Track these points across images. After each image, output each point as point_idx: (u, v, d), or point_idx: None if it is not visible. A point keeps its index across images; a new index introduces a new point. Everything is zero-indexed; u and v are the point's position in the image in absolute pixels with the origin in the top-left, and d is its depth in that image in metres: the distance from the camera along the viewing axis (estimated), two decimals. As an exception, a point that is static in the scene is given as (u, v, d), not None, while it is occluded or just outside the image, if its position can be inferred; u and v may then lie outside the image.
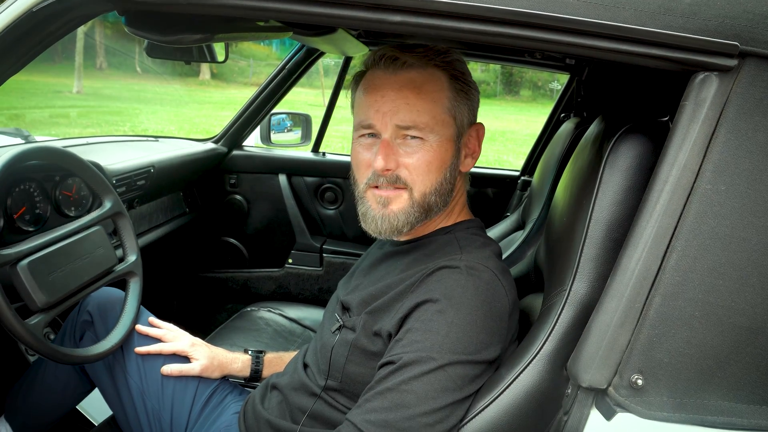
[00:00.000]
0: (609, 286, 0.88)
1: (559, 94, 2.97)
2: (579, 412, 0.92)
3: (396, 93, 1.07)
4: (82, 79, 16.81)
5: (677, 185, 0.83)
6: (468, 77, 1.14)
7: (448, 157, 1.11)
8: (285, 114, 2.88)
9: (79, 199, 1.71)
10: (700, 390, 0.88)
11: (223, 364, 1.45)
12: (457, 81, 1.11)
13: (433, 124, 1.07)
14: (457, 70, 1.11)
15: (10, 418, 1.53)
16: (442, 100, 1.09)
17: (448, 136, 1.10)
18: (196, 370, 1.40)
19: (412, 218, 1.11)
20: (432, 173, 1.09)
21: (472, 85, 1.14)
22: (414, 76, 1.08)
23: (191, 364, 1.41)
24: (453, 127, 1.11)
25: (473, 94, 1.14)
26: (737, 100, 0.82)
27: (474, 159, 1.17)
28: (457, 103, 1.10)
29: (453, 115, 1.10)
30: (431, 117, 1.07)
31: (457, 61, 1.12)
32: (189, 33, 1.02)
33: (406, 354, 0.97)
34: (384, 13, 0.83)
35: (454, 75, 1.11)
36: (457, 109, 1.11)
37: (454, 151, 1.12)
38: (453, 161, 1.12)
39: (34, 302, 1.22)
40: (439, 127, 1.08)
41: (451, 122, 1.10)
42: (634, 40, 0.81)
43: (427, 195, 1.10)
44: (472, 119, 1.16)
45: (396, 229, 1.11)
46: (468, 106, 1.13)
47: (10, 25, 0.87)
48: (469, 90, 1.13)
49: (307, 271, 2.87)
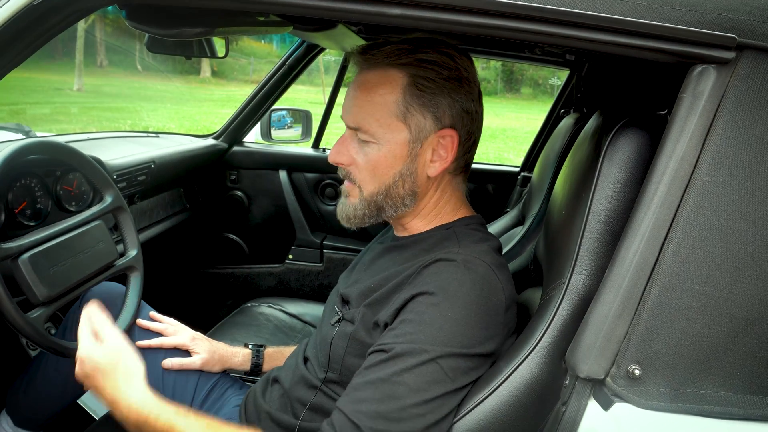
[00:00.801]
0: (607, 278, 0.89)
1: (559, 89, 2.97)
2: (577, 402, 0.92)
3: (353, 92, 1.09)
4: (83, 77, 16.80)
5: (675, 177, 0.84)
6: (434, 79, 1.05)
7: (398, 162, 1.08)
8: (285, 110, 2.88)
9: (79, 194, 1.72)
10: (697, 380, 0.89)
11: (224, 358, 1.46)
12: (416, 85, 1.04)
13: (376, 127, 1.06)
14: (422, 72, 1.05)
15: (12, 412, 1.54)
16: (389, 104, 1.05)
17: (398, 141, 1.06)
18: (197, 364, 1.41)
19: (360, 213, 1.13)
20: (378, 176, 1.09)
21: (438, 89, 1.05)
22: (370, 76, 1.07)
23: (192, 358, 1.41)
24: (404, 132, 1.06)
25: (439, 98, 1.05)
26: (735, 93, 0.82)
27: (443, 165, 1.10)
28: (410, 108, 1.05)
29: (403, 120, 1.05)
30: (375, 120, 1.06)
31: (424, 62, 1.05)
32: (189, 27, 1.03)
33: (399, 345, 0.97)
34: (383, 6, 0.84)
35: (416, 77, 1.05)
36: (409, 115, 1.05)
37: (406, 156, 1.08)
38: (407, 166, 1.08)
39: (36, 296, 1.22)
40: (384, 131, 1.06)
41: (400, 127, 1.06)
42: (632, 33, 0.82)
43: (374, 195, 1.10)
44: (441, 124, 1.07)
45: (348, 218, 1.15)
46: (430, 112, 1.06)
47: (11, 18, 0.87)
48: (434, 96, 1.05)
49: (307, 266, 2.88)
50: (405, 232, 1.19)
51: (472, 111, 1.10)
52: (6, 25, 0.87)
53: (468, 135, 1.11)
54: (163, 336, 1.43)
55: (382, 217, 1.14)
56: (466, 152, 1.13)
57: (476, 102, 1.11)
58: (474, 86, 1.10)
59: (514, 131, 14.55)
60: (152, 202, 2.33)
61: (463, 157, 1.13)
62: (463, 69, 1.08)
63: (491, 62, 21.97)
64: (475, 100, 1.10)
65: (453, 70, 1.07)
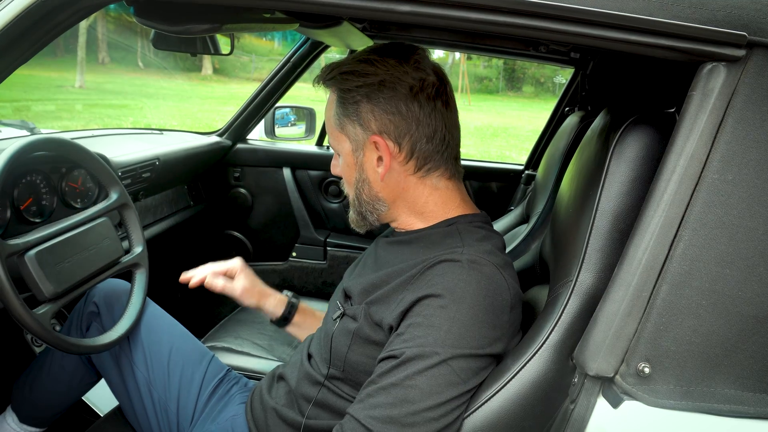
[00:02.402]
0: (616, 276, 0.88)
1: (563, 88, 2.96)
2: (586, 400, 0.92)
3: None
4: (85, 74, 16.80)
5: (684, 175, 0.84)
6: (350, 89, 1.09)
7: (352, 171, 1.16)
8: (289, 108, 2.88)
9: (84, 191, 1.72)
10: (707, 378, 0.88)
11: (262, 293, 1.47)
12: (341, 98, 1.12)
13: (333, 142, 1.18)
14: (342, 85, 1.11)
15: (17, 409, 1.54)
16: (331, 119, 1.15)
17: (346, 151, 1.15)
18: (237, 291, 1.43)
19: (354, 218, 1.24)
20: (348, 185, 1.20)
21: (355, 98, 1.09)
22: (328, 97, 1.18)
23: (233, 283, 1.43)
24: (347, 142, 1.14)
25: (360, 107, 1.08)
26: (745, 91, 0.82)
27: (385, 168, 1.11)
28: (342, 120, 1.12)
29: (343, 132, 1.13)
30: (332, 135, 1.17)
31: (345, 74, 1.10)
32: (196, 23, 1.03)
33: (409, 349, 0.97)
34: (392, 3, 0.84)
35: (340, 91, 1.11)
36: (342, 126, 1.13)
37: (355, 164, 1.15)
38: (359, 173, 1.15)
39: (42, 292, 1.22)
40: (336, 144, 1.17)
41: (344, 139, 1.14)
42: (642, 31, 0.82)
43: (353, 202, 1.21)
44: (369, 131, 1.09)
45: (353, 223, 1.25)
46: (354, 119, 1.10)
47: (20, 14, 0.87)
48: (356, 102, 1.09)
49: (310, 264, 2.88)
50: (409, 227, 1.19)
51: (402, 111, 1.07)
52: (14, 22, 0.88)
53: (401, 135, 1.09)
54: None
55: (370, 221, 1.21)
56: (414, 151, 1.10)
57: (408, 100, 1.07)
58: (399, 87, 1.07)
59: (515, 129, 14.52)
60: (156, 199, 2.33)
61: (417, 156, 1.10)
62: (384, 71, 1.07)
63: (493, 60, 21.96)
64: (403, 99, 1.07)
65: (370, 76, 1.07)
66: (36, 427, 1.56)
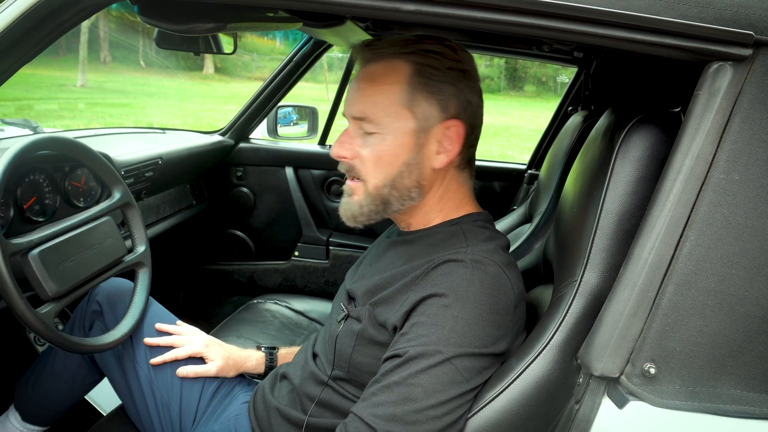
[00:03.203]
0: (621, 276, 0.88)
1: (566, 87, 2.96)
2: (591, 400, 0.92)
3: (356, 84, 1.10)
4: (87, 73, 16.81)
5: (691, 175, 0.83)
6: (439, 68, 1.06)
7: (404, 151, 1.07)
8: (291, 107, 2.88)
9: (87, 190, 1.72)
10: (713, 379, 0.88)
11: (238, 363, 1.45)
12: (421, 73, 1.06)
13: (382, 116, 1.06)
14: (426, 62, 1.06)
15: (20, 407, 1.54)
16: (394, 92, 1.06)
17: (405, 130, 1.06)
18: (212, 372, 1.40)
19: (366, 209, 1.12)
20: (383, 167, 1.08)
21: (443, 78, 1.06)
22: (375, 68, 1.08)
23: (207, 366, 1.41)
24: (411, 120, 1.06)
25: (443, 87, 1.06)
26: (751, 90, 0.82)
27: (449, 157, 1.10)
28: (416, 96, 1.05)
29: (409, 108, 1.06)
30: (381, 109, 1.06)
31: (429, 52, 1.07)
32: (201, 22, 1.02)
33: (413, 348, 0.97)
34: (397, 2, 0.83)
35: (421, 66, 1.06)
36: (415, 103, 1.06)
37: (413, 146, 1.08)
38: (413, 156, 1.08)
39: (45, 291, 1.22)
40: (390, 120, 1.06)
41: (407, 116, 1.06)
42: (648, 30, 0.81)
43: (380, 188, 1.10)
44: (446, 115, 1.08)
45: (353, 217, 1.14)
46: (436, 100, 1.06)
47: (24, 13, 0.87)
48: (440, 84, 1.06)
49: (313, 263, 2.88)
50: (410, 227, 1.19)
51: (475, 104, 1.11)
52: (18, 21, 0.87)
53: (471, 127, 1.12)
54: (175, 347, 1.42)
55: (388, 213, 1.14)
56: (470, 145, 1.14)
57: (478, 95, 1.12)
58: (476, 80, 1.11)
59: (517, 129, 14.51)
60: (159, 198, 2.33)
61: (467, 150, 1.13)
62: (465, 62, 1.10)
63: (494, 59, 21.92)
64: (476, 93, 1.11)
65: (456, 62, 1.08)
66: (39, 426, 1.56)
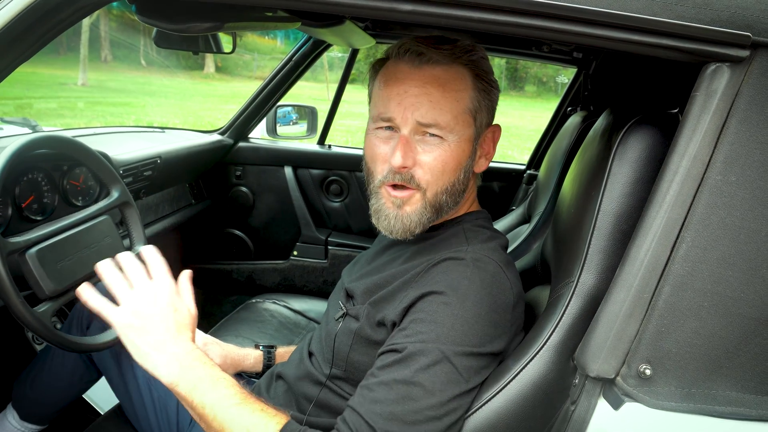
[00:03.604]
0: (618, 277, 0.88)
1: (566, 87, 2.96)
2: (587, 401, 0.92)
3: (419, 89, 1.04)
4: (87, 71, 16.81)
5: (687, 176, 0.83)
6: (491, 76, 1.11)
7: (465, 158, 1.09)
8: (291, 106, 2.88)
9: (86, 189, 1.72)
10: (708, 380, 0.88)
11: (236, 362, 1.45)
12: (480, 80, 1.08)
13: (453, 123, 1.05)
14: (482, 69, 1.09)
15: (18, 406, 1.55)
16: (465, 99, 1.06)
17: (467, 136, 1.08)
18: None
19: (424, 219, 1.09)
20: (447, 174, 1.07)
21: (494, 85, 1.11)
22: (439, 72, 1.05)
23: None
24: (472, 127, 1.08)
25: (494, 94, 1.12)
26: (749, 91, 0.82)
27: (488, 160, 1.16)
28: (479, 104, 1.08)
29: (473, 116, 1.08)
30: (452, 116, 1.05)
31: (482, 59, 1.10)
32: (199, 22, 1.02)
33: (411, 344, 0.96)
34: (394, 2, 0.83)
35: (479, 74, 1.08)
36: (478, 110, 1.08)
37: (470, 152, 1.10)
38: (468, 162, 1.10)
39: (43, 290, 1.22)
40: (459, 127, 1.06)
41: (471, 122, 1.08)
42: (645, 31, 0.81)
43: (438, 195, 1.08)
44: (490, 120, 1.14)
45: (408, 230, 1.10)
46: (488, 106, 1.11)
47: (22, 12, 0.87)
48: (491, 90, 1.11)
49: (312, 263, 2.88)
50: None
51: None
52: (16, 19, 0.87)
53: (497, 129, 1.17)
54: None
55: (439, 218, 1.12)
56: None
57: None
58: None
59: (518, 129, 14.50)
60: (158, 197, 2.33)
61: None
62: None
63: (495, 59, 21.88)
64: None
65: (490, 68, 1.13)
66: (36, 425, 1.56)
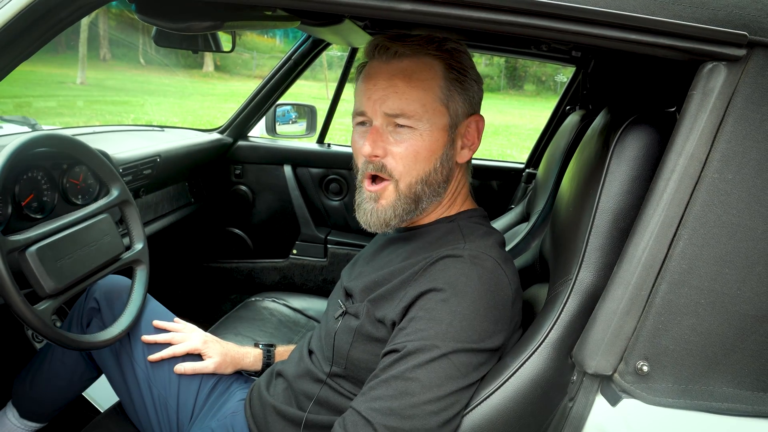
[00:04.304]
0: (615, 274, 0.89)
1: (565, 86, 2.96)
2: (584, 398, 0.92)
3: (387, 81, 1.08)
4: (86, 70, 16.79)
5: (684, 174, 0.84)
6: (465, 67, 1.12)
7: (439, 146, 1.10)
8: (290, 105, 2.88)
9: (86, 187, 1.72)
10: (705, 377, 0.89)
11: (236, 360, 1.45)
12: (452, 70, 1.09)
13: (422, 112, 1.07)
14: (454, 60, 1.10)
15: (17, 404, 1.55)
16: (434, 88, 1.08)
17: (440, 125, 1.09)
18: (210, 368, 1.41)
19: (399, 210, 1.11)
20: (419, 162, 1.09)
21: (469, 75, 1.12)
22: (406, 65, 1.08)
23: (205, 362, 1.41)
24: (446, 116, 1.10)
25: (470, 84, 1.12)
26: (745, 90, 0.82)
27: (472, 151, 1.16)
28: (450, 93, 1.09)
29: (445, 105, 1.09)
30: (420, 105, 1.07)
31: (454, 50, 1.11)
32: (198, 21, 1.03)
33: (411, 342, 0.97)
34: (394, 2, 0.84)
35: (450, 64, 1.10)
36: (450, 99, 1.09)
37: (446, 141, 1.11)
38: (445, 151, 1.11)
39: (43, 288, 1.23)
40: (429, 116, 1.08)
41: (443, 111, 1.09)
42: (642, 30, 0.82)
43: (413, 185, 1.10)
44: (471, 110, 1.14)
45: (385, 223, 1.12)
46: (464, 96, 1.11)
47: (22, 11, 0.87)
48: (465, 80, 1.11)
49: (311, 261, 2.88)
50: (410, 223, 1.19)
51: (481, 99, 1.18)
52: (16, 18, 0.88)
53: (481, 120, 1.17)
54: (172, 344, 1.43)
55: (419, 210, 1.13)
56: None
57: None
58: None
59: (517, 128, 14.50)
60: (157, 195, 2.33)
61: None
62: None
63: (494, 58, 21.89)
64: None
65: (471, 60, 1.14)
66: (36, 423, 1.56)
